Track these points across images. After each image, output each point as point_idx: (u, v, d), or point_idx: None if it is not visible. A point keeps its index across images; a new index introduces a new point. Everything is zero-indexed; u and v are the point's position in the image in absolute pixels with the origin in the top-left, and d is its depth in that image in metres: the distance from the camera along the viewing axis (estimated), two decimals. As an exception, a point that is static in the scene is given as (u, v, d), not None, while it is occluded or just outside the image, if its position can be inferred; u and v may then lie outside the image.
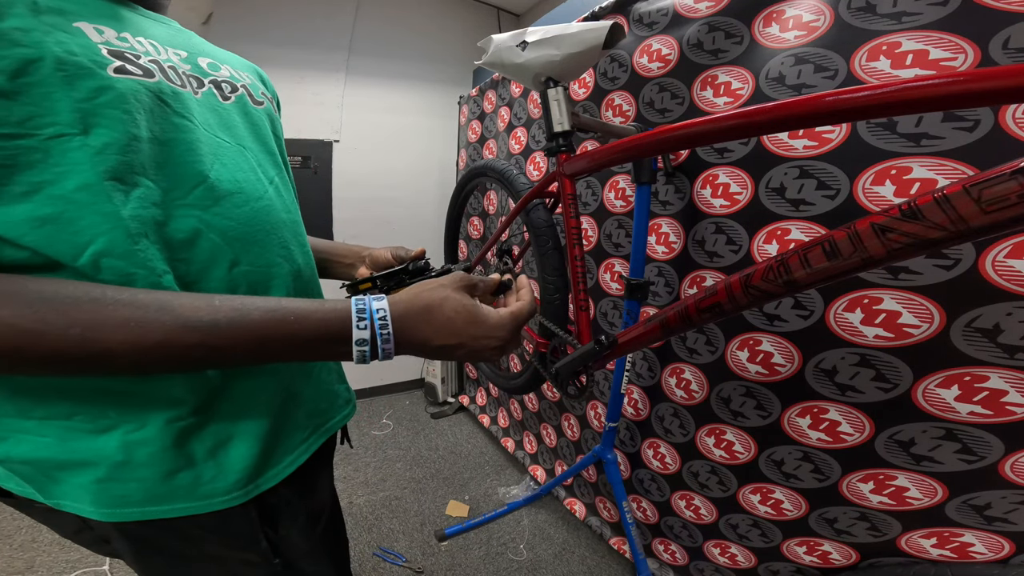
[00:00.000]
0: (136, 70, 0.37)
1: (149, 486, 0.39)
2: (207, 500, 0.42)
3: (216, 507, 0.42)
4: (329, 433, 0.56)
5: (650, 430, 1.22)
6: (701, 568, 1.16)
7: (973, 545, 0.72)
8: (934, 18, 0.67)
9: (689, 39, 0.98)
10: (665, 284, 1.11)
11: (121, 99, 0.34)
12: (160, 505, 0.40)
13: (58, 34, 0.32)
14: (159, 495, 0.40)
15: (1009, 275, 0.63)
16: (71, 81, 0.32)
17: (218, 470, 0.42)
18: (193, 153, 0.40)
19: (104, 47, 0.35)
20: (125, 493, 0.39)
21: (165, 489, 0.40)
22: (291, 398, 0.49)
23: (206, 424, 0.42)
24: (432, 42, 2.46)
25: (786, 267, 0.40)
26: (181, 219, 0.38)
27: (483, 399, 2.31)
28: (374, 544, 1.46)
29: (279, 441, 0.47)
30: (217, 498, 0.42)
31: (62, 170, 0.32)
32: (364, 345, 0.36)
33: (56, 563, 1.27)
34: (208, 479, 0.42)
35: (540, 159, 1.57)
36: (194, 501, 0.41)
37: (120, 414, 0.38)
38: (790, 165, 0.84)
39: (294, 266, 0.49)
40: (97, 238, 0.33)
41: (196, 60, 0.46)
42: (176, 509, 0.40)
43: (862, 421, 0.80)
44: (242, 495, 0.43)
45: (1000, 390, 0.66)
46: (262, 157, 0.49)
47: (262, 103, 0.52)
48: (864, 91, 0.37)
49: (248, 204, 0.44)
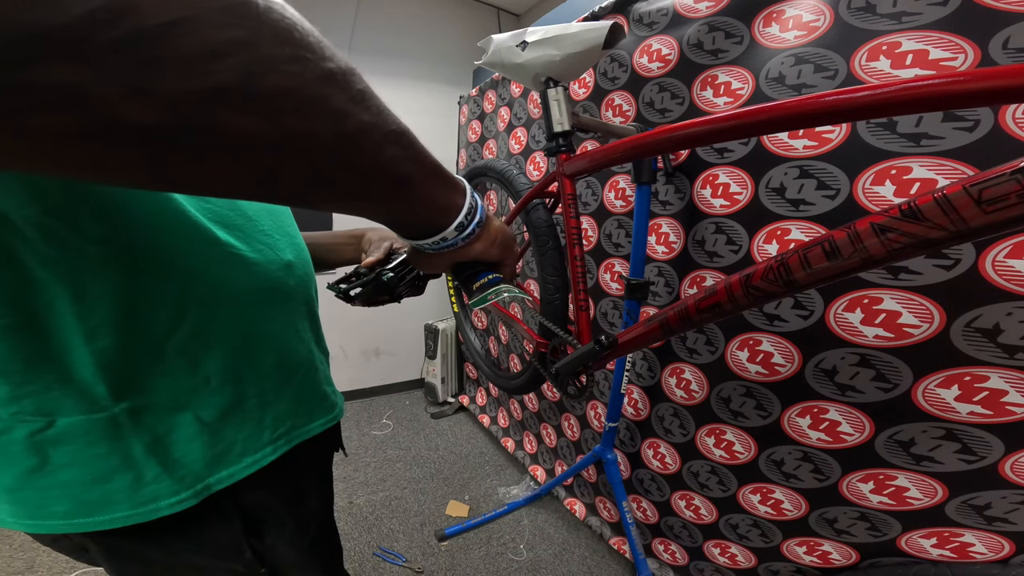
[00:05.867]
0: None
1: (76, 492, 0.35)
2: (152, 504, 0.37)
3: (163, 512, 0.37)
4: (304, 437, 0.50)
5: (650, 430, 1.22)
6: (701, 568, 1.16)
7: (973, 545, 0.72)
8: (934, 18, 0.67)
9: (689, 39, 0.98)
10: (665, 284, 1.11)
11: None
12: (92, 516, 0.35)
13: None
14: (89, 502, 0.35)
15: (1009, 275, 0.63)
16: None
17: (162, 468, 0.37)
18: None
19: None
20: (42, 503, 0.34)
21: (97, 495, 0.35)
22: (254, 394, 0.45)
23: (141, 411, 0.36)
24: (432, 42, 2.46)
25: (786, 267, 0.40)
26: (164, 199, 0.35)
27: (483, 399, 2.31)
28: (374, 544, 1.46)
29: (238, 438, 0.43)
30: (163, 500, 0.37)
31: None
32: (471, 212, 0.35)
33: (56, 563, 1.27)
34: (151, 478, 0.37)
35: (540, 159, 1.57)
36: (136, 508, 0.36)
37: (12, 413, 0.32)
38: (790, 165, 0.84)
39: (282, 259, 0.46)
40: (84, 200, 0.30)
41: None
42: (113, 520, 0.36)
43: (862, 421, 0.80)
44: (191, 496, 0.39)
45: (1000, 390, 0.66)
46: None
47: None
48: (864, 91, 0.37)
49: None
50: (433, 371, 2.46)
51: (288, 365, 0.49)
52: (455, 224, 0.33)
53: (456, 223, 0.33)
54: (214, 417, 0.41)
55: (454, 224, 0.33)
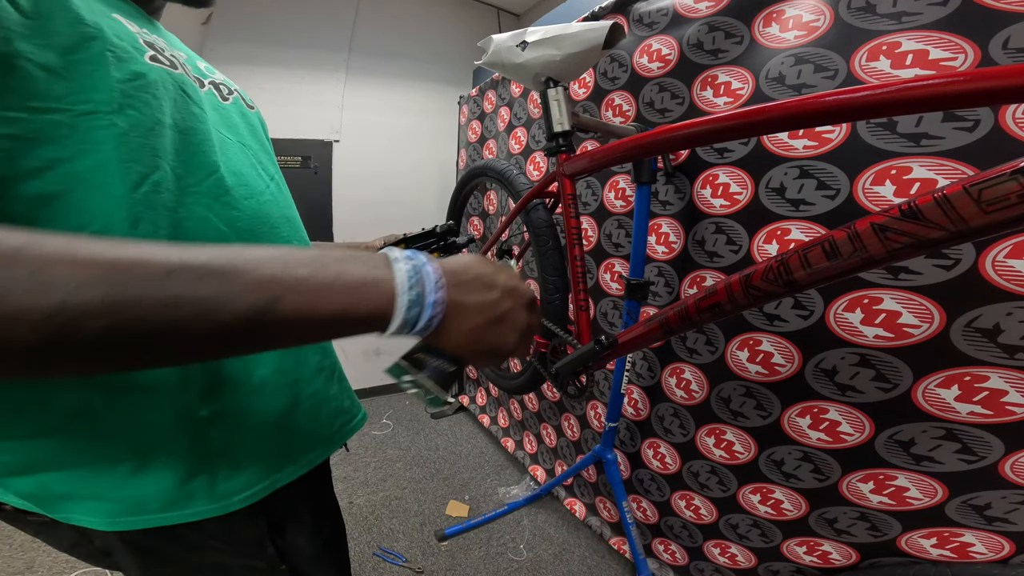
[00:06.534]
0: (164, 60, 0.38)
1: (168, 488, 0.38)
2: (225, 500, 0.41)
3: (234, 507, 0.41)
4: (352, 432, 0.56)
5: (650, 430, 1.22)
6: (701, 568, 1.16)
7: (973, 545, 0.72)
8: (934, 18, 0.67)
9: (689, 39, 0.98)
10: (665, 284, 1.11)
11: (152, 85, 0.36)
12: (180, 509, 0.39)
13: (106, 19, 0.34)
14: (177, 499, 0.39)
15: (1009, 275, 0.63)
16: (118, 63, 0.33)
17: (233, 467, 0.41)
18: (207, 144, 0.41)
19: (140, 36, 0.37)
20: (143, 499, 0.38)
21: (184, 491, 0.39)
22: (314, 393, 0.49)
23: (219, 418, 0.40)
24: (432, 42, 2.46)
25: (786, 267, 0.40)
26: (192, 206, 0.39)
27: (483, 399, 2.31)
28: (374, 544, 1.46)
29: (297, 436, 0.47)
30: (234, 496, 0.41)
31: (82, 147, 0.31)
32: (407, 261, 0.29)
33: (56, 563, 1.27)
34: (223, 476, 0.41)
35: (540, 159, 1.57)
36: (212, 502, 0.40)
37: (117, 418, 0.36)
38: (790, 165, 0.84)
39: None
40: (96, 219, 0.32)
41: (195, 62, 0.48)
42: (196, 512, 0.39)
43: (862, 421, 0.80)
44: (259, 491, 0.43)
45: (1000, 390, 0.66)
46: (261, 155, 0.50)
47: (253, 108, 0.55)
48: (864, 91, 0.37)
49: (253, 198, 0.45)
50: (433, 371, 2.46)
51: (327, 365, 0.53)
52: (398, 306, 0.28)
53: (400, 303, 0.28)
54: (276, 418, 0.44)
55: (397, 306, 0.28)
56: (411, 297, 0.28)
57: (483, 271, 0.33)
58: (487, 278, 0.33)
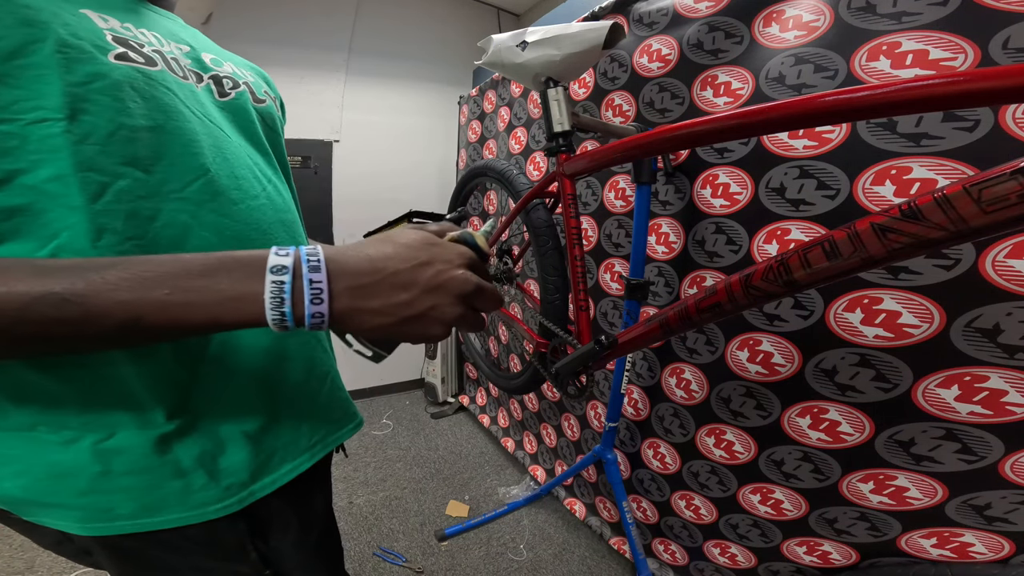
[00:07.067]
0: (138, 58, 0.36)
1: (136, 496, 0.37)
2: (200, 509, 0.40)
3: (211, 516, 0.40)
4: (336, 443, 0.54)
5: (650, 430, 1.22)
6: (701, 568, 1.16)
7: (973, 545, 0.72)
8: (934, 18, 0.67)
9: (689, 39, 0.98)
10: (665, 284, 1.11)
11: (115, 87, 0.33)
12: (151, 517, 0.38)
13: (65, 16, 0.32)
14: (148, 505, 0.38)
15: (1009, 275, 0.63)
16: (69, 64, 0.31)
17: (209, 477, 0.40)
18: (195, 145, 0.39)
19: (109, 33, 0.35)
20: (110, 506, 0.37)
21: (154, 499, 0.38)
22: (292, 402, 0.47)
23: (189, 429, 0.39)
24: (432, 42, 2.46)
25: (786, 267, 0.40)
26: (173, 214, 0.37)
27: (483, 399, 2.31)
28: (374, 544, 1.46)
29: (277, 447, 0.46)
30: (211, 506, 0.40)
31: (37, 158, 0.30)
32: (283, 273, 0.28)
33: (56, 563, 1.27)
34: (199, 487, 0.40)
35: (540, 159, 1.57)
36: (187, 511, 0.39)
37: (81, 424, 0.35)
38: (790, 165, 0.84)
39: None
40: (61, 232, 0.31)
41: (199, 55, 0.45)
42: (168, 520, 0.39)
43: (862, 421, 0.80)
44: (236, 503, 0.42)
45: (1000, 390, 0.66)
46: (257, 156, 0.48)
47: (264, 101, 0.52)
48: (864, 91, 0.37)
49: (244, 202, 0.43)
50: (433, 371, 2.46)
51: (316, 375, 0.51)
52: (269, 320, 0.29)
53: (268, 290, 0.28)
54: (255, 429, 0.43)
55: (268, 320, 0.29)
56: (275, 317, 0.29)
57: (399, 268, 0.31)
58: (402, 276, 0.31)
